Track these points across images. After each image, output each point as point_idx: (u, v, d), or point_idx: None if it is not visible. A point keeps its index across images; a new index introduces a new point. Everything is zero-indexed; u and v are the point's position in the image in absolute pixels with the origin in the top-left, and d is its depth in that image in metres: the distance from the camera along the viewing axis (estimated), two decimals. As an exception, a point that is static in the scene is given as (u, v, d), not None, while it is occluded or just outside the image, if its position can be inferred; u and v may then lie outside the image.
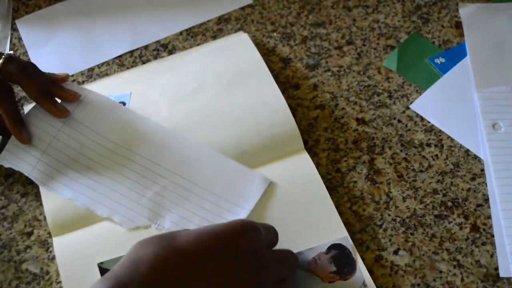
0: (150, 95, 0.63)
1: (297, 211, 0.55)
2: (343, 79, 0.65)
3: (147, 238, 0.43)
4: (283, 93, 0.61)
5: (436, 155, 0.59)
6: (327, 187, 0.56)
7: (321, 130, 0.61)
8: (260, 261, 0.44)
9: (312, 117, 0.62)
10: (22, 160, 0.57)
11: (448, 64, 0.65)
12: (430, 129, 0.60)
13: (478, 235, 0.54)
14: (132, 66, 0.67)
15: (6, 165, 0.57)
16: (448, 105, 0.62)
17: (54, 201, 0.56)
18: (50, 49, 0.70)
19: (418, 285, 0.51)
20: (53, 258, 0.54)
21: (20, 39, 0.71)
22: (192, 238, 0.43)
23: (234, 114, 0.60)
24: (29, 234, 0.56)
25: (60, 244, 0.54)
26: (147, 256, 0.41)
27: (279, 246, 0.53)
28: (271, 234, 0.48)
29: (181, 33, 0.70)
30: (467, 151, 0.59)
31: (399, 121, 0.61)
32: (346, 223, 0.54)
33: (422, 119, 0.61)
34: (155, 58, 0.68)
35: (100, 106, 0.59)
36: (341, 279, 0.51)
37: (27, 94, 0.57)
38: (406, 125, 0.61)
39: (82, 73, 0.67)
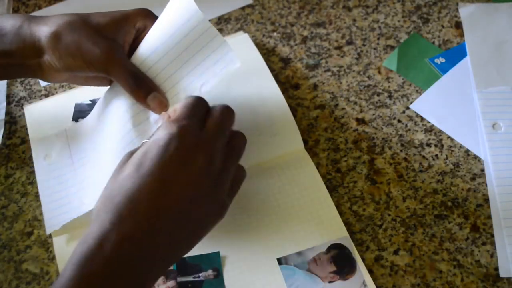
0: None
1: (297, 211, 0.55)
2: (343, 79, 0.65)
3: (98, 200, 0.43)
4: (283, 93, 0.61)
5: (436, 155, 0.59)
6: (327, 187, 0.56)
7: (321, 130, 0.61)
8: (205, 153, 0.44)
9: (312, 117, 0.62)
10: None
11: (448, 64, 0.65)
12: (430, 129, 0.60)
13: (478, 235, 0.54)
14: (132, 66, 0.67)
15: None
16: (448, 105, 0.62)
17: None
18: (50, 49, 0.70)
19: (418, 285, 0.51)
20: (53, 258, 0.54)
21: (20, 39, 0.71)
22: (130, 173, 0.42)
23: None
24: (29, 234, 0.56)
25: (60, 244, 0.54)
26: (106, 217, 0.41)
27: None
28: (199, 108, 0.46)
29: (181, 33, 0.70)
30: (467, 151, 0.59)
31: (399, 121, 0.61)
32: (346, 223, 0.54)
33: (422, 119, 0.61)
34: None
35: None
36: (341, 279, 0.51)
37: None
38: (406, 125, 0.61)
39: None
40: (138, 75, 0.51)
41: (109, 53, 0.50)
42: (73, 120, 0.62)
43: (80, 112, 0.62)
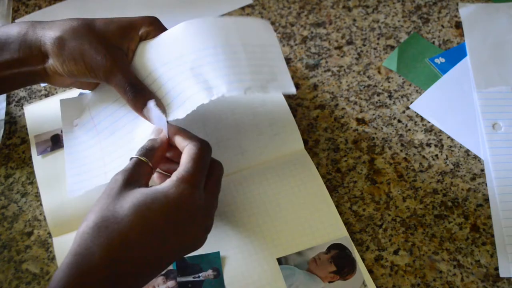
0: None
1: (297, 211, 0.55)
2: (343, 79, 0.65)
3: (87, 224, 0.42)
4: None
5: (436, 155, 0.59)
6: (327, 187, 0.56)
7: (321, 130, 0.61)
8: (202, 209, 0.45)
9: (312, 117, 0.62)
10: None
11: (448, 64, 0.65)
12: (430, 129, 0.60)
13: (478, 235, 0.54)
14: (132, 66, 0.67)
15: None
16: (448, 105, 0.62)
17: (54, 201, 0.56)
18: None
19: (418, 285, 0.51)
20: (53, 258, 0.54)
21: (20, 39, 0.71)
22: (133, 217, 0.42)
23: (234, 114, 0.60)
24: (29, 234, 0.56)
25: (60, 244, 0.54)
26: (96, 250, 0.41)
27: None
28: (206, 160, 0.47)
29: (181, 33, 0.70)
30: (467, 151, 0.59)
31: (399, 121, 0.61)
32: (346, 223, 0.54)
33: (422, 119, 0.61)
34: (155, 58, 0.68)
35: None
36: (341, 279, 0.51)
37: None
38: (406, 125, 0.61)
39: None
40: (136, 86, 0.51)
41: (111, 62, 0.50)
42: None
43: None
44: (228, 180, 0.57)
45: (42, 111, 0.63)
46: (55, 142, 0.60)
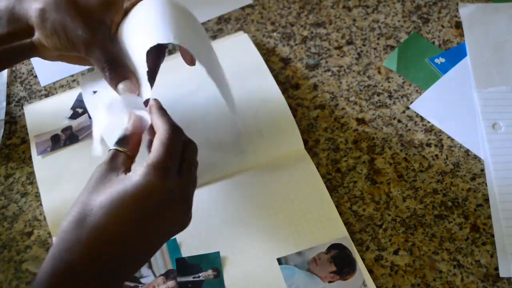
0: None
1: (297, 211, 0.55)
2: (343, 79, 0.65)
3: (69, 218, 0.42)
4: (283, 93, 0.61)
5: (436, 155, 0.59)
6: (327, 187, 0.56)
7: (321, 130, 0.61)
8: (176, 194, 0.44)
9: (312, 117, 0.62)
10: None
11: (448, 64, 0.65)
12: (430, 129, 0.60)
13: (478, 235, 0.54)
14: (132, 66, 0.67)
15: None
16: (448, 105, 0.62)
17: (54, 201, 0.56)
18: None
19: (418, 285, 0.51)
20: (53, 258, 0.54)
21: (20, 39, 0.71)
22: (107, 209, 0.42)
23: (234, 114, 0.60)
24: (29, 234, 0.56)
25: (60, 244, 0.54)
26: (76, 246, 0.41)
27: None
28: (178, 145, 0.46)
29: (181, 33, 0.70)
30: (467, 151, 0.59)
31: (399, 121, 0.61)
32: (346, 223, 0.54)
33: (422, 119, 0.61)
34: (155, 58, 0.68)
35: None
36: (341, 279, 0.51)
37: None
38: (406, 125, 0.61)
39: (82, 73, 0.67)
40: (113, 62, 0.50)
41: (91, 36, 0.49)
42: (71, 109, 0.62)
43: (81, 102, 0.63)
44: (228, 181, 0.57)
45: (42, 111, 0.64)
46: (55, 142, 0.60)
